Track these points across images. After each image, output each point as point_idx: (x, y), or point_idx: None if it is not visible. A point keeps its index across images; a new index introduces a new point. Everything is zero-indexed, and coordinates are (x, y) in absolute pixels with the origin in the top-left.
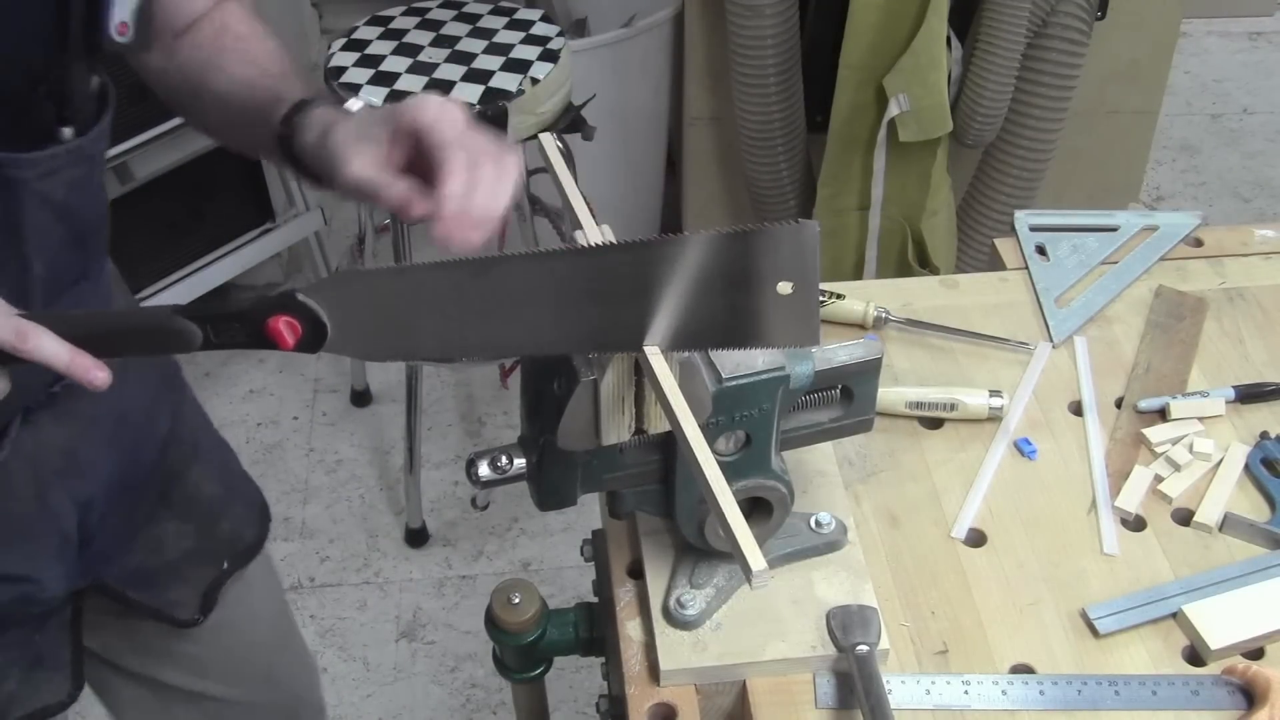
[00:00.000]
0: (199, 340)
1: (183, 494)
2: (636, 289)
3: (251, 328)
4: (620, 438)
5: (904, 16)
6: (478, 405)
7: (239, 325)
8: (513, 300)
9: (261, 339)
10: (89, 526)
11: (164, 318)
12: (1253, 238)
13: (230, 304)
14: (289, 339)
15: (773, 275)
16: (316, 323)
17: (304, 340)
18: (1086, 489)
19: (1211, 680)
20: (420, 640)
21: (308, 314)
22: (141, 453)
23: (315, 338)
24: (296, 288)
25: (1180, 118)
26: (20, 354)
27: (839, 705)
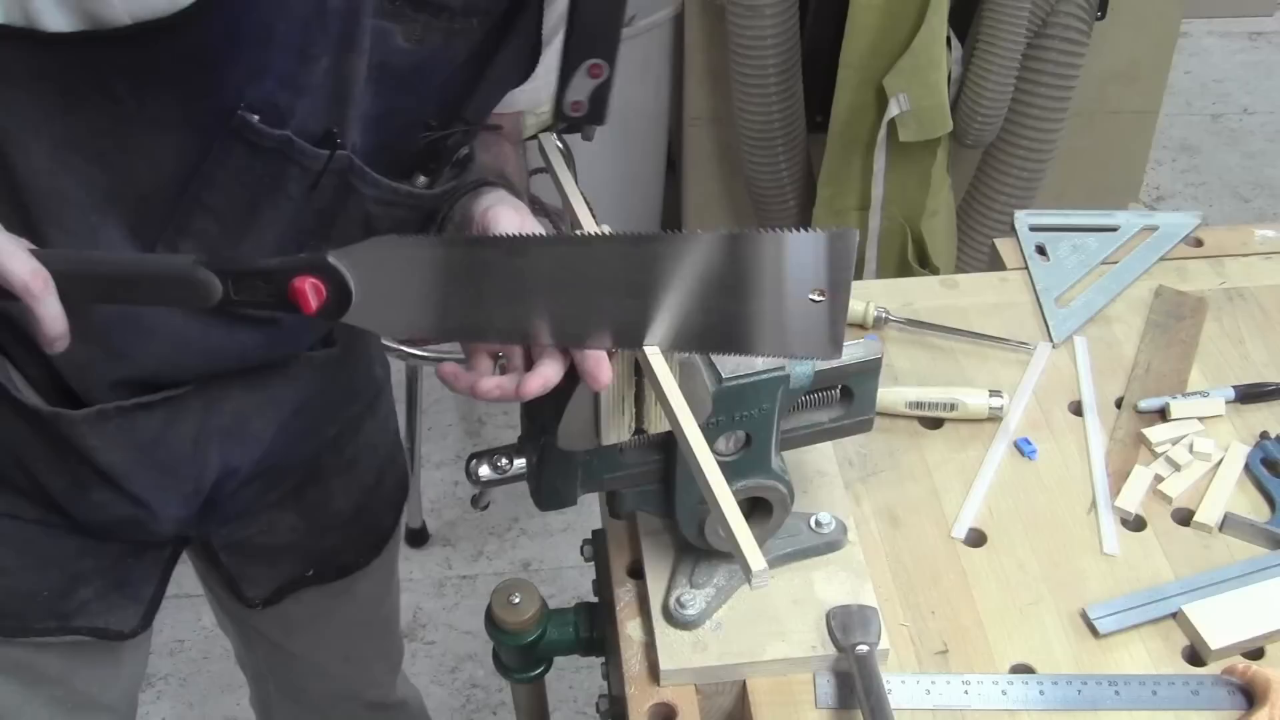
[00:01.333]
0: (218, 295)
1: (316, 497)
2: (671, 282)
3: (275, 286)
4: (620, 438)
5: (904, 16)
6: (478, 405)
7: (263, 283)
8: (546, 283)
9: (284, 300)
10: (224, 489)
11: (185, 267)
12: (1253, 238)
13: (257, 260)
14: (313, 302)
15: (806, 281)
16: (343, 287)
17: (328, 305)
18: (1086, 489)
19: (1211, 680)
20: (420, 640)
21: (335, 277)
22: (300, 446)
23: (340, 303)
24: (329, 250)
25: (1180, 118)
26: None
27: (839, 705)
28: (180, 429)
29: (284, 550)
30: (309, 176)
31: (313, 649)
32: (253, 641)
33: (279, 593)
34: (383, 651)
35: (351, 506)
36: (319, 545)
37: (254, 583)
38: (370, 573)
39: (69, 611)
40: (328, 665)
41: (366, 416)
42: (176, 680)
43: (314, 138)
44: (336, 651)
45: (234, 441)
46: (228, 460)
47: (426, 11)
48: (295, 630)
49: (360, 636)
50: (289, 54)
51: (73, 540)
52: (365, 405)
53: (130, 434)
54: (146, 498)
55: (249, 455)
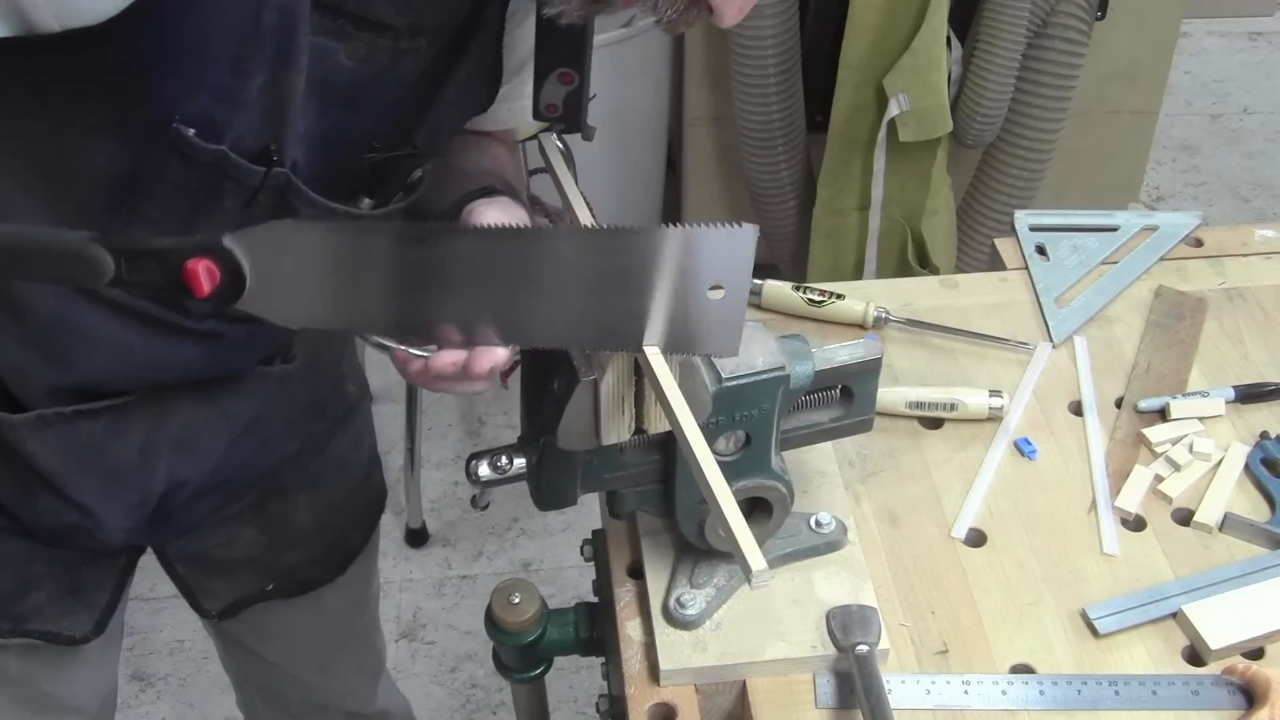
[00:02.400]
0: (110, 273)
1: (277, 512)
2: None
3: (169, 268)
4: (620, 438)
5: (904, 16)
6: (478, 405)
7: (156, 263)
8: (444, 276)
9: (177, 282)
10: (175, 501)
11: (77, 242)
12: (1253, 238)
13: (151, 240)
14: (205, 285)
15: (705, 278)
16: (237, 272)
17: (221, 289)
18: (1086, 489)
19: (1211, 680)
20: (420, 640)
21: (229, 261)
22: (256, 461)
23: (234, 288)
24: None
25: (1180, 118)
26: None
27: (839, 705)
28: (125, 439)
29: (242, 564)
30: (245, 192)
31: (286, 658)
32: (231, 647)
33: (236, 605)
34: (359, 663)
35: (315, 523)
36: (279, 560)
37: (211, 595)
38: (338, 588)
39: (22, 614)
40: (302, 675)
41: (335, 434)
42: (176, 680)
43: (251, 154)
44: (310, 662)
45: (182, 454)
46: (176, 472)
47: (369, 30)
48: (267, 639)
49: (333, 649)
50: (223, 68)
51: (23, 544)
52: (334, 422)
53: (72, 441)
54: (90, 505)
55: (199, 468)
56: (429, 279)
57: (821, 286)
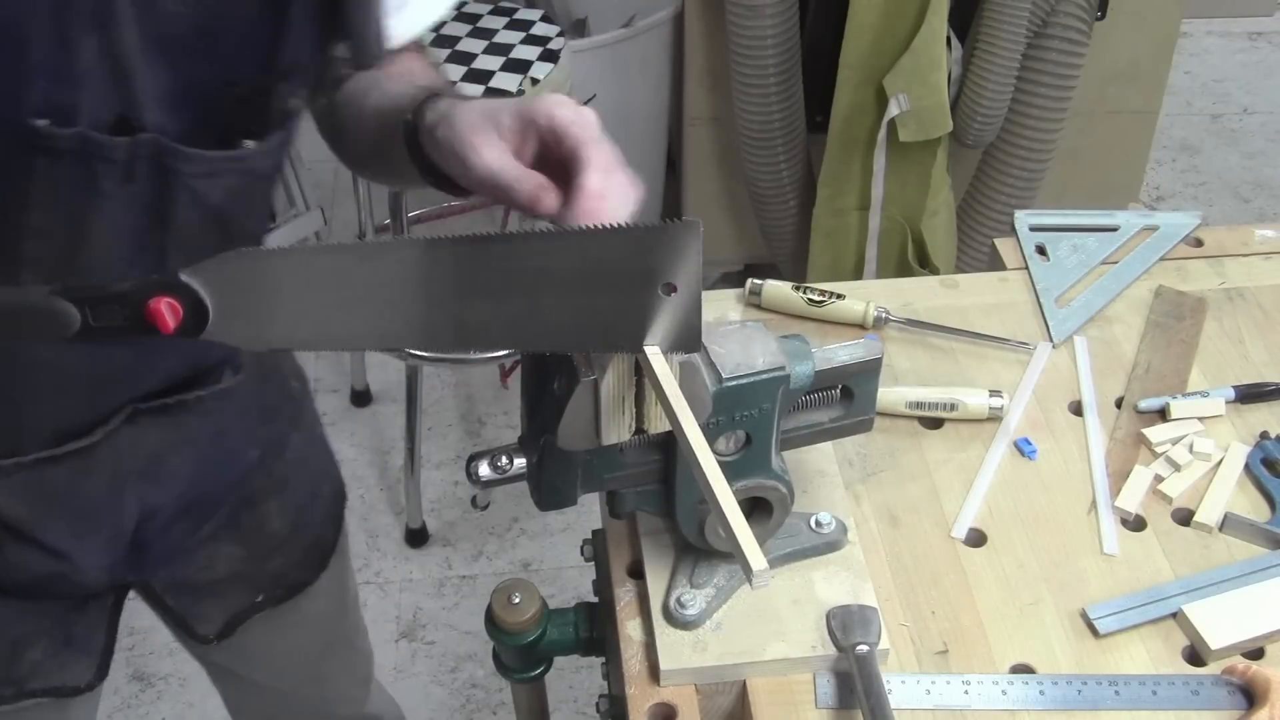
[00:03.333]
0: (77, 324)
1: (251, 522)
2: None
3: (132, 309)
4: (620, 438)
5: (904, 16)
6: (478, 405)
7: (119, 306)
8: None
9: (142, 322)
10: (149, 530)
11: (39, 297)
12: (1253, 238)
13: (111, 284)
14: (170, 322)
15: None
16: (198, 304)
17: (185, 323)
18: (1086, 489)
19: (1211, 680)
20: (420, 640)
21: (189, 294)
22: (223, 475)
23: (197, 321)
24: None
25: (1180, 118)
26: None
27: (839, 705)
28: (92, 477)
29: (228, 581)
30: (118, 169)
31: (276, 677)
32: (222, 677)
33: (232, 624)
34: (349, 667)
35: (289, 526)
36: (263, 570)
37: (205, 619)
38: (320, 590)
39: (22, 675)
40: (294, 690)
41: (290, 433)
42: (176, 680)
43: (108, 127)
44: (301, 675)
45: (149, 482)
46: (147, 501)
47: None
48: (254, 661)
49: (321, 656)
50: (48, 45)
51: (6, 603)
52: (287, 422)
53: (38, 487)
54: (64, 549)
55: (169, 493)
56: (384, 291)
57: (821, 286)
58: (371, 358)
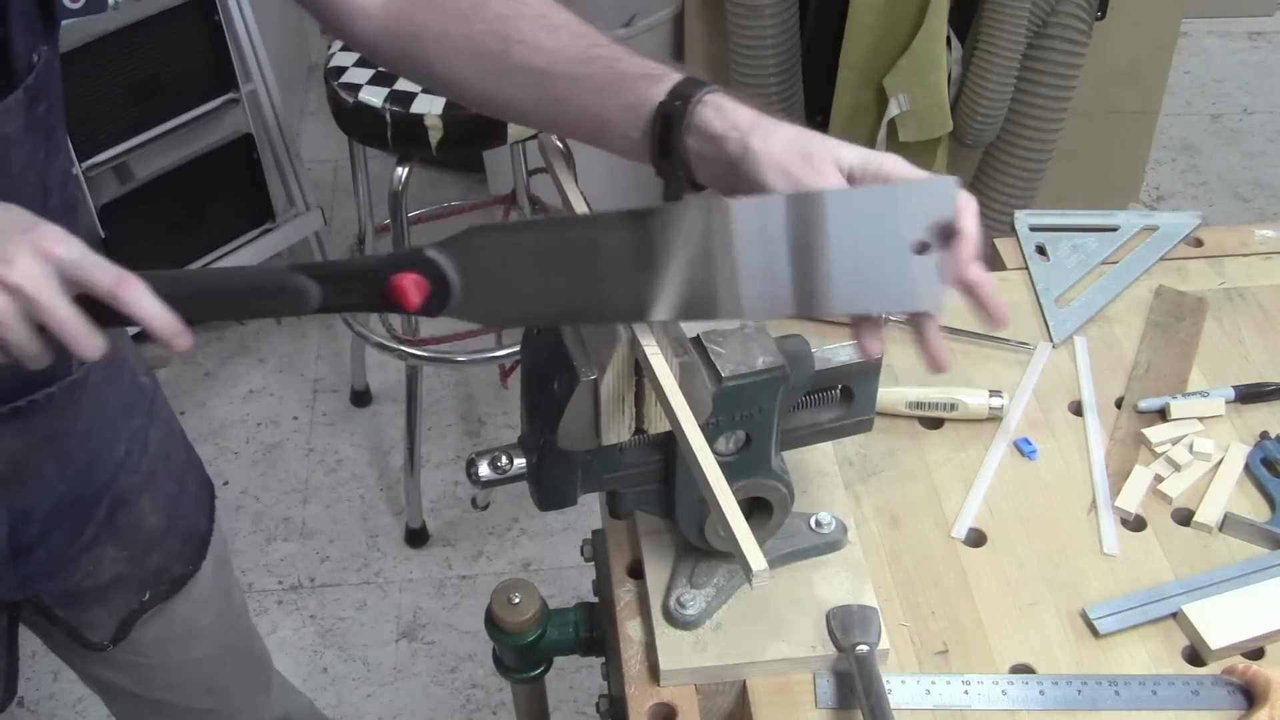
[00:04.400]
0: (316, 300)
1: (127, 521)
2: (780, 248)
3: (374, 287)
4: (620, 438)
5: (904, 16)
6: (478, 405)
7: (360, 284)
8: (650, 259)
9: (384, 298)
10: (25, 538)
11: (280, 276)
12: (1253, 238)
13: (353, 262)
14: (415, 298)
15: (907, 234)
16: (443, 281)
17: (429, 300)
18: (1086, 489)
19: (1211, 680)
20: (420, 640)
21: (435, 271)
22: (93, 474)
23: (441, 297)
24: (425, 245)
25: (1180, 118)
26: (115, 304)
27: (839, 705)
28: None
29: (112, 585)
30: None
31: (173, 691)
32: (116, 698)
33: (124, 626)
34: (245, 676)
35: (164, 520)
36: (145, 567)
37: (94, 626)
38: (204, 586)
39: None
40: (193, 704)
41: (149, 427)
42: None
43: None
44: (197, 688)
45: (15, 487)
46: (15, 506)
47: None
48: (150, 676)
49: (216, 667)
50: None
51: None
52: (144, 415)
53: None
54: None
55: (38, 497)
56: (631, 261)
57: None
58: (371, 358)
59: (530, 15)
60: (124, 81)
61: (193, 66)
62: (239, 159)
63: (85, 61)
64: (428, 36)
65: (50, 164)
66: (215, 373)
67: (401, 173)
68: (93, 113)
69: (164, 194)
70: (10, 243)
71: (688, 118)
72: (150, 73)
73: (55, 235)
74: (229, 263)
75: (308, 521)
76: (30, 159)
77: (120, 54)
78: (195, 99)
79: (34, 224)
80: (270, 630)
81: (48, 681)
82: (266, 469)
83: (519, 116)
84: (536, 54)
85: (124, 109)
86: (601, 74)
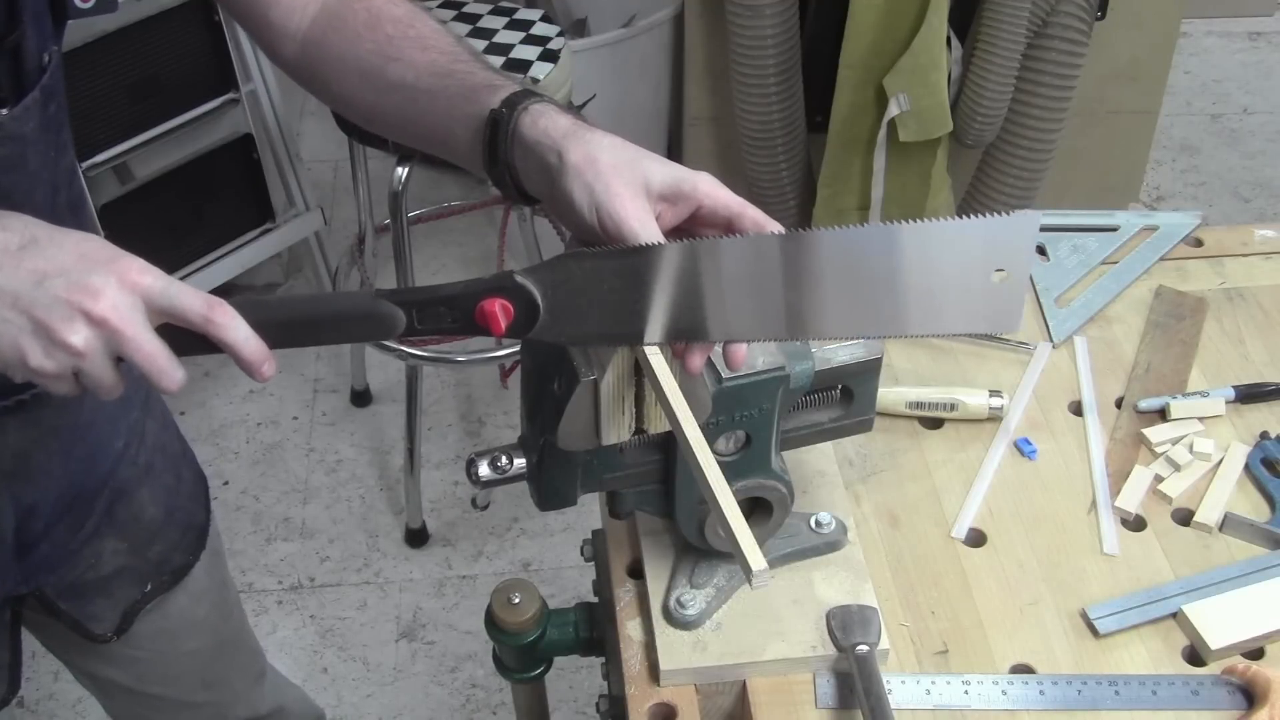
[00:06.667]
0: (403, 325)
1: (127, 513)
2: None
3: (462, 312)
4: (620, 438)
5: (904, 16)
6: (478, 405)
7: (446, 309)
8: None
9: (470, 323)
10: (31, 533)
11: (367, 302)
12: (1253, 238)
13: (440, 288)
14: (502, 322)
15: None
16: (531, 305)
17: (516, 323)
18: (1086, 489)
19: (1211, 680)
20: (420, 640)
21: (523, 295)
22: (95, 467)
23: (528, 321)
24: (513, 270)
25: (1180, 118)
26: (208, 330)
27: (839, 705)
28: None
29: (115, 577)
30: None
31: (170, 685)
32: (112, 694)
33: (127, 618)
34: (240, 667)
35: (163, 511)
36: (146, 559)
37: (97, 619)
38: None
39: None
40: (188, 697)
41: (146, 420)
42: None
43: None
44: (193, 680)
45: (21, 481)
46: (21, 500)
47: None
48: (147, 671)
49: (211, 659)
50: None
51: None
52: (140, 408)
53: None
54: None
55: (43, 491)
56: (706, 285)
57: None
58: (371, 357)
59: (412, 35)
60: (124, 81)
61: (193, 66)
62: (239, 159)
63: (85, 61)
64: (329, 57)
65: (59, 161)
66: (215, 373)
67: (401, 173)
68: (93, 113)
69: (164, 194)
70: (94, 274)
71: (511, 124)
72: (150, 73)
73: (139, 265)
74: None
75: (308, 521)
76: (44, 157)
77: (120, 54)
78: (195, 99)
79: (116, 254)
80: (270, 630)
81: (48, 681)
82: (266, 469)
83: (396, 132)
84: (408, 70)
85: (124, 109)
86: (454, 87)
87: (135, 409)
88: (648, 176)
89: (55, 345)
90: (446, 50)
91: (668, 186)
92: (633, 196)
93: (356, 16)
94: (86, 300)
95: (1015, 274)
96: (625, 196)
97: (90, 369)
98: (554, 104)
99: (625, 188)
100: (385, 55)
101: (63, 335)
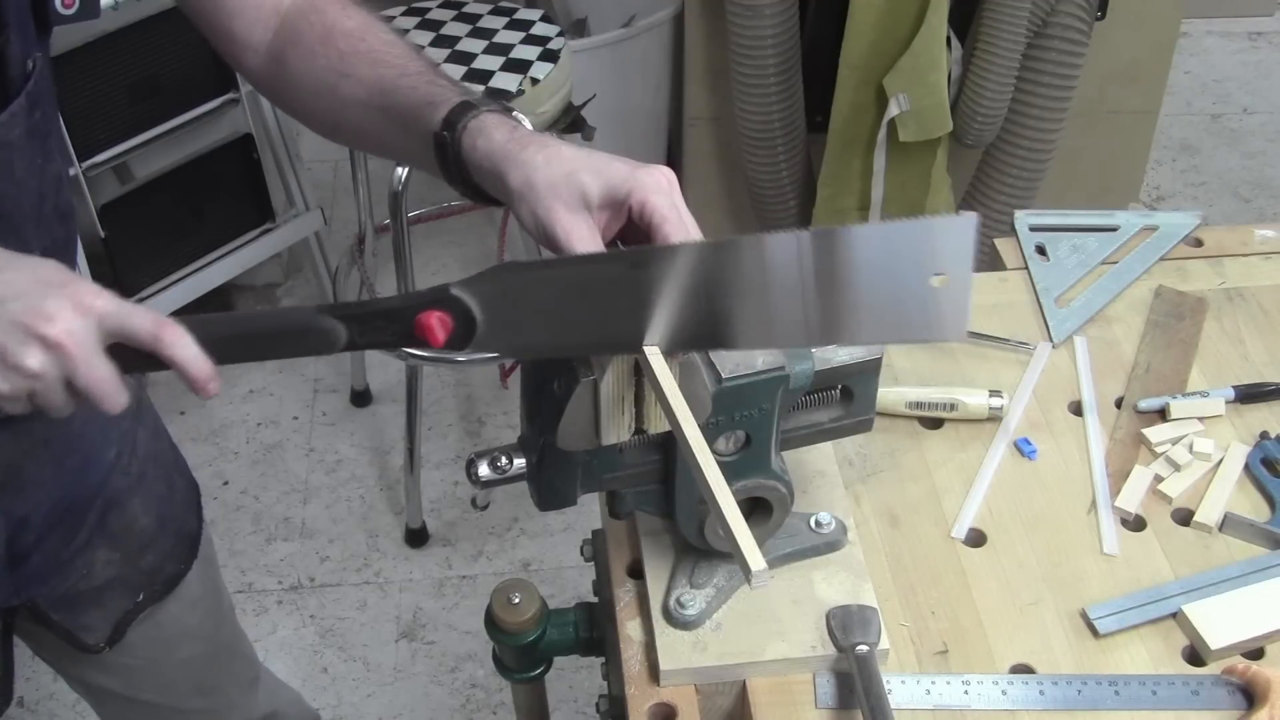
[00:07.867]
0: (343, 340)
1: (119, 523)
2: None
3: (401, 325)
4: (620, 438)
5: (904, 16)
6: (478, 405)
7: (385, 323)
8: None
9: (409, 336)
10: (22, 544)
11: (309, 317)
12: (1253, 238)
13: (379, 301)
14: (440, 335)
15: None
16: (468, 317)
17: (454, 336)
18: (1086, 489)
19: (1211, 680)
20: (420, 640)
21: (460, 308)
22: (86, 477)
23: (466, 333)
24: (449, 283)
25: (1180, 118)
26: (157, 349)
27: (839, 705)
28: None
29: (107, 587)
30: None
31: (164, 693)
32: (104, 700)
33: (119, 628)
34: (234, 674)
35: (155, 520)
36: (138, 569)
37: (90, 629)
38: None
39: None
40: (183, 704)
41: (137, 429)
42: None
43: None
44: (187, 687)
45: (12, 493)
46: (13, 512)
47: None
48: (140, 678)
49: (205, 666)
50: None
51: None
52: (132, 417)
53: None
54: None
55: (35, 501)
56: (644, 296)
57: None
58: (372, 357)
59: (363, 50)
60: (124, 81)
61: (193, 66)
62: (239, 159)
63: (85, 61)
64: (289, 73)
65: (46, 169)
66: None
67: (401, 173)
68: (93, 113)
69: (164, 194)
70: (49, 298)
71: (454, 148)
72: (150, 73)
73: (93, 289)
74: (228, 262)
75: (308, 521)
76: (30, 164)
77: (120, 54)
78: (195, 99)
79: (70, 279)
80: (270, 630)
81: (48, 681)
82: (266, 469)
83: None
84: (358, 88)
85: (124, 109)
86: (401, 105)
87: (127, 418)
88: (584, 190)
89: (10, 368)
90: (394, 64)
91: (604, 195)
92: (571, 213)
93: (312, 30)
94: (41, 324)
95: (957, 279)
96: (563, 215)
97: (43, 390)
98: (491, 110)
99: (563, 206)
100: (338, 72)
101: (18, 359)
